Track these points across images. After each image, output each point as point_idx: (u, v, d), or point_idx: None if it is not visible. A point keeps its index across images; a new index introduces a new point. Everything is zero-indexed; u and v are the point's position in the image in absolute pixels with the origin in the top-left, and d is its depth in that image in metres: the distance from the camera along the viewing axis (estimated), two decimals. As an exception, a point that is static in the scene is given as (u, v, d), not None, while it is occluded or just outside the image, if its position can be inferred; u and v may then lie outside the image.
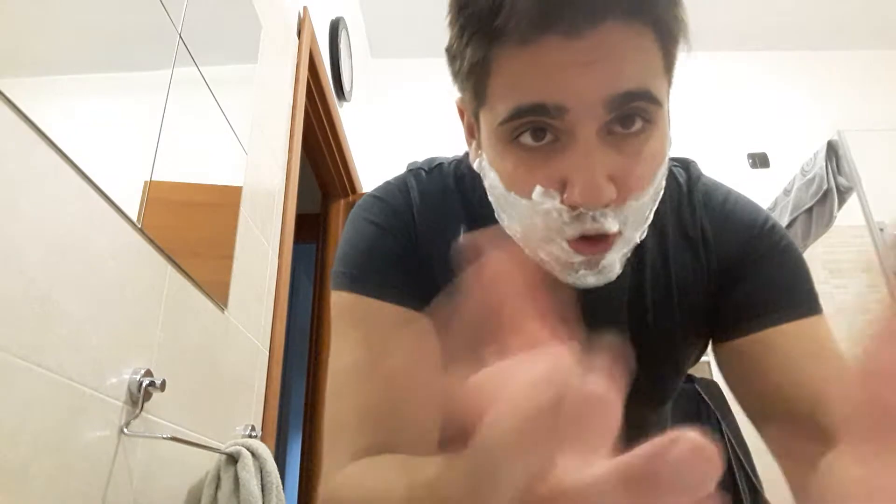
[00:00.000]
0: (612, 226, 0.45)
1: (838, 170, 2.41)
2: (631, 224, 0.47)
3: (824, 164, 2.43)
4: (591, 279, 0.49)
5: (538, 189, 0.45)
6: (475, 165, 0.55)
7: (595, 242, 0.47)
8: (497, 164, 0.49)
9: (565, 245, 0.47)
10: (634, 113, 0.44)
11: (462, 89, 0.51)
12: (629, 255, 0.51)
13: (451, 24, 0.47)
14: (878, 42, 3.25)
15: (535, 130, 0.44)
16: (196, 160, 1.13)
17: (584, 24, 0.41)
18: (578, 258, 0.48)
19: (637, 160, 0.45)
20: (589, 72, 0.42)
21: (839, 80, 3.23)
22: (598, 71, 0.42)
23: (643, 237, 0.51)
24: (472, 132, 0.55)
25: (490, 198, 0.53)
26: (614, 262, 0.49)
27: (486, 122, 0.48)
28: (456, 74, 0.50)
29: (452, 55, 0.49)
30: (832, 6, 3.07)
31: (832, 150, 2.44)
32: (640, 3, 0.42)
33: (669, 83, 0.47)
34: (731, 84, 3.24)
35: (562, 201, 0.45)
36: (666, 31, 0.44)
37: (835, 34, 3.23)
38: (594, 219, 0.45)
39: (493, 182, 0.50)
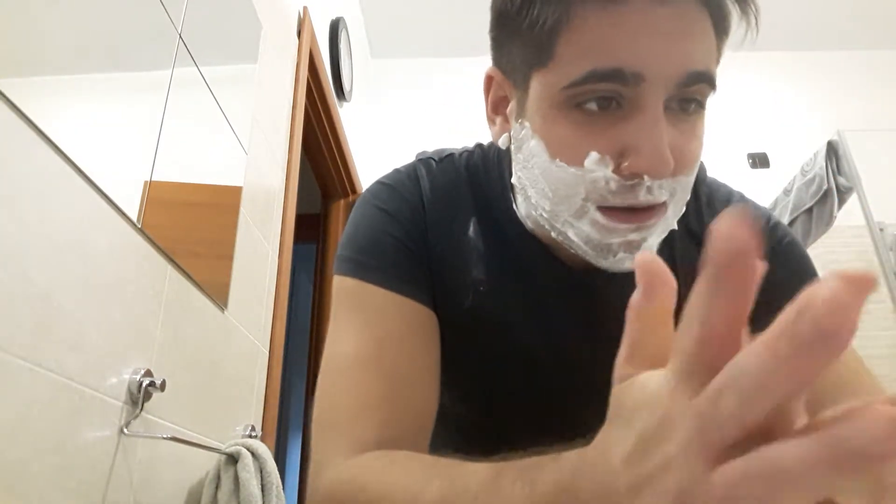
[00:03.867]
0: (662, 195, 0.45)
1: (838, 170, 2.41)
2: (676, 199, 0.47)
3: (824, 164, 2.42)
4: (628, 263, 0.47)
5: (593, 155, 0.44)
6: (500, 140, 0.53)
7: (639, 213, 0.46)
8: (546, 130, 0.47)
9: (600, 217, 0.46)
10: (695, 94, 0.44)
11: (508, 52, 0.49)
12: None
13: None
14: (878, 42, 3.25)
15: (602, 97, 0.43)
16: (196, 160, 1.13)
17: None
18: (615, 238, 0.46)
19: (691, 138, 0.46)
20: (670, 43, 0.42)
21: (839, 80, 3.22)
22: (678, 43, 0.42)
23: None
24: (497, 108, 0.53)
25: (521, 171, 0.51)
26: (654, 246, 0.48)
27: (545, 85, 0.46)
28: (510, 35, 0.47)
29: (515, 12, 0.46)
30: (832, 6, 3.07)
31: (832, 150, 2.44)
32: None
33: None
34: (730, 84, 3.22)
35: (615, 170, 0.44)
36: (722, 26, 0.45)
37: (835, 34, 3.22)
38: (649, 190, 0.44)
39: (533, 150, 0.48)
